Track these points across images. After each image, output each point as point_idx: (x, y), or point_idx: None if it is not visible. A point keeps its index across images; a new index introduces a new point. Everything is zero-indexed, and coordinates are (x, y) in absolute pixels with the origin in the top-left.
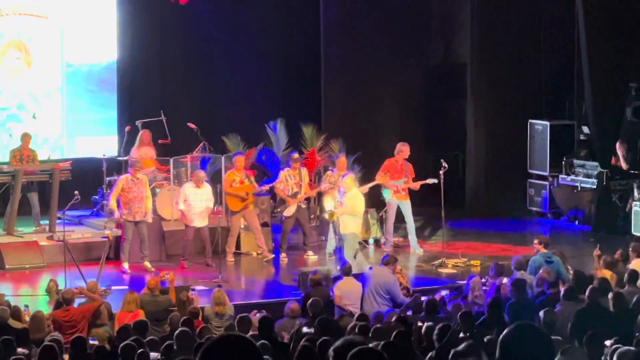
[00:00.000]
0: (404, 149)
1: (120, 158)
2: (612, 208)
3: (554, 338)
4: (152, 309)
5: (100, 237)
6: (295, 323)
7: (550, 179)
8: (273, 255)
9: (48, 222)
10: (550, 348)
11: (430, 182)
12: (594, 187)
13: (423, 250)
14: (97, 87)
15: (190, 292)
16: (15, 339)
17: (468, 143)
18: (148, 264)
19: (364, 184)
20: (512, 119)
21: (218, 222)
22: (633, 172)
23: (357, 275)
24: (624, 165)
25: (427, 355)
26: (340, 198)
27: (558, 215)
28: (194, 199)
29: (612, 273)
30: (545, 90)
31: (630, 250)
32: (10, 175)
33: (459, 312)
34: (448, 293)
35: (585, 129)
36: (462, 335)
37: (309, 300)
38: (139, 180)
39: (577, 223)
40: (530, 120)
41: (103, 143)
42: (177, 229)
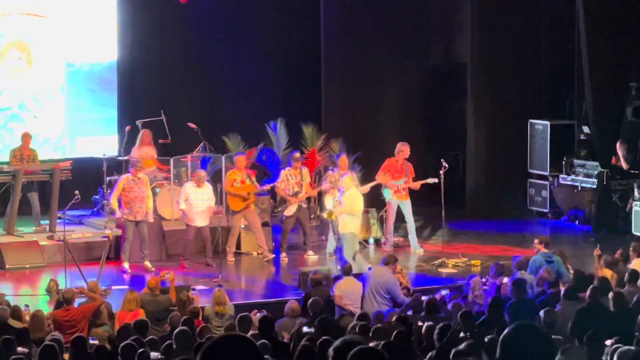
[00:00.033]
0: (404, 149)
1: (121, 158)
2: (612, 208)
3: (555, 337)
4: (152, 309)
5: (101, 236)
6: (296, 323)
7: (551, 179)
8: (273, 255)
9: (48, 221)
10: (551, 348)
11: (431, 181)
12: (594, 186)
13: (423, 250)
14: (98, 86)
15: (191, 291)
16: (16, 339)
17: (468, 143)
18: (148, 264)
19: (365, 184)
20: (512, 119)
21: (218, 221)
22: (633, 171)
23: (357, 276)
24: (624, 165)
25: (427, 355)
26: (340, 197)
27: (558, 215)
28: (195, 199)
29: (612, 273)
30: (546, 90)
31: (631, 250)
32: (11, 175)
33: (459, 311)
34: (448, 293)
35: (586, 129)
36: (462, 335)
37: (310, 300)
38: (140, 180)
39: (577, 223)
40: (531, 120)
41: (105, 143)
42: (177, 229)
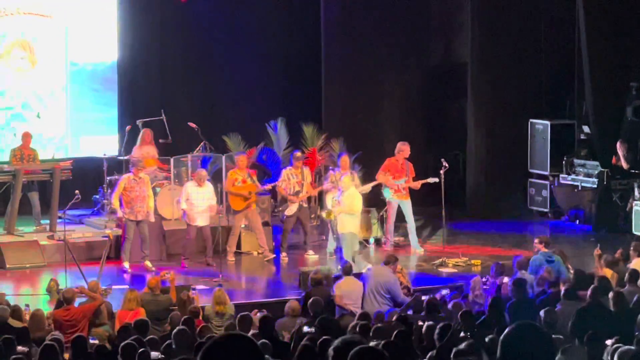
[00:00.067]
0: (404, 149)
1: (121, 157)
2: (612, 207)
3: (556, 337)
4: (152, 309)
5: (101, 236)
6: (296, 322)
7: (551, 179)
8: (274, 255)
9: (49, 221)
10: (551, 348)
11: (432, 181)
12: (595, 186)
13: (424, 250)
14: (101, 86)
15: (191, 291)
16: (15, 338)
17: (468, 142)
18: (149, 264)
19: (365, 184)
20: (512, 119)
21: (219, 221)
22: (633, 171)
23: (357, 276)
24: (625, 165)
25: (427, 355)
26: (339, 197)
27: (559, 215)
28: (196, 198)
29: (612, 272)
30: (546, 90)
31: (631, 250)
32: (11, 175)
33: (460, 311)
34: (449, 292)
35: (586, 129)
36: (462, 335)
37: (310, 300)
38: (141, 180)
39: (577, 222)
40: (531, 120)
41: (107, 142)
42: (177, 228)
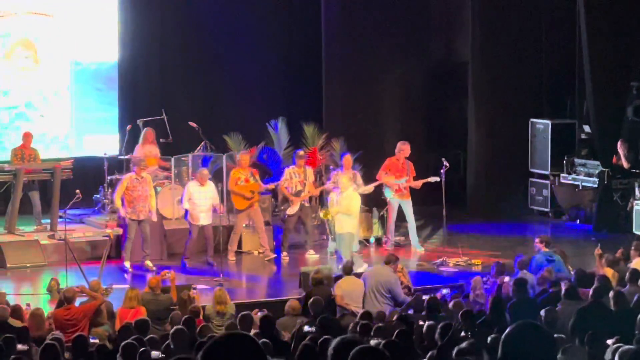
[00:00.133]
0: (405, 148)
1: (122, 157)
2: (613, 207)
3: (557, 336)
4: (153, 308)
5: (102, 235)
6: (297, 321)
7: (552, 178)
8: (274, 255)
9: (49, 220)
10: (553, 347)
11: (433, 180)
12: (595, 186)
13: (424, 249)
14: (105, 85)
15: (192, 290)
16: (15, 338)
17: (469, 142)
18: (149, 263)
19: (368, 184)
20: (513, 118)
21: (219, 220)
22: (634, 171)
23: (357, 275)
24: (625, 164)
25: (428, 354)
26: (337, 197)
27: (559, 214)
28: (199, 197)
29: (613, 272)
30: (547, 89)
31: (632, 249)
32: (12, 174)
33: (460, 310)
34: (449, 292)
35: (587, 128)
36: (463, 334)
37: (310, 299)
38: (144, 179)
39: (578, 222)
40: (532, 119)
41: (111, 142)
42: (178, 228)
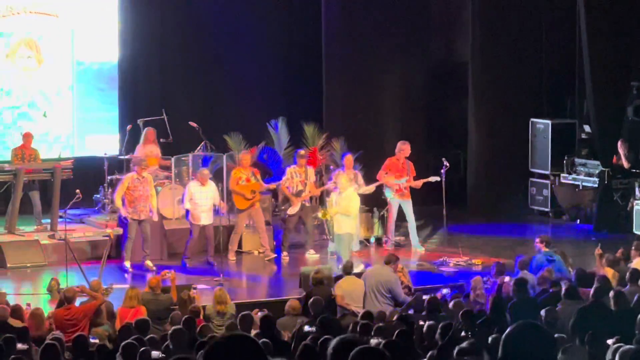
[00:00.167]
0: (405, 148)
1: (122, 157)
2: (613, 207)
3: (558, 336)
4: (153, 308)
5: (102, 235)
6: (296, 321)
7: (552, 178)
8: (275, 255)
9: (49, 220)
10: (553, 347)
11: (433, 179)
12: (596, 185)
13: (424, 249)
14: (107, 85)
15: (192, 290)
16: (16, 338)
17: (469, 142)
18: (149, 263)
19: (368, 184)
20: (513, 118)
21: (220, 220)
22: (634, 170)
23: (358, 275)
24: (626, 164)
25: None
26: (336, 197)
27: (559, 214)
28: (200, 197)
29: (613, 272)
30: (547, 89)
31: (633, 249)
32: (12, 174)
33: (461, 310)
34: (449, 292)
35: (587, 128)
36: (463, 334)
37: (311, 299)
38: (145, 179)
39: (578, 222)
40: (532, 119)
41: (113, 141)
42: (178, 228)
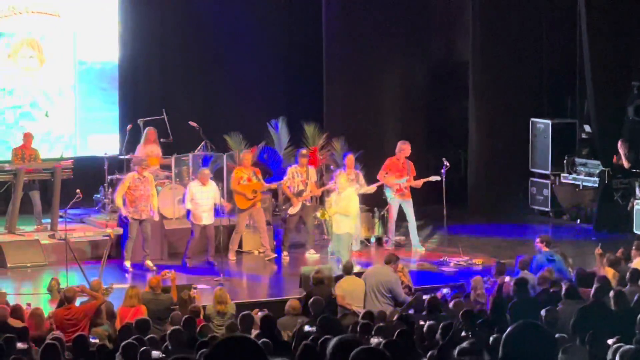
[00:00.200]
0: (405, 148)
1: (122, 156)
2: (614, 207)
3: (559, 336)
4: (153, 308)
5: (102, 235)
6: (297, 321)
7: (552, 178)
8: (275, 255)
9: (50, 220)
10: (554, 347)
11: (433, 179)
12: (596, 185)
13: (425, 249)
14: (109, 85)
15: (192, 290)
16: (16, 337)
17: (470, 142)
18: (150, 263)
19: (369, 184)
20: (513, 118)
21: (220, 220)
22: (635, 170)
23: (358, 274)
24: (626, 164)
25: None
26: (335, 198)
27: (560, 214)
28: (201, 197)
29: (614, 271)
30: (547, 89)
31: (633, 249)
32: (12, 174)
33: (461, 310)
34: (450, 291)
35: (587, 128)
36: (463, 334)
37: (311, 299)
38: (146, 179)
39: (578, 222)
40: (532, 119)
41: (114, 141)
42: (178, 228)
